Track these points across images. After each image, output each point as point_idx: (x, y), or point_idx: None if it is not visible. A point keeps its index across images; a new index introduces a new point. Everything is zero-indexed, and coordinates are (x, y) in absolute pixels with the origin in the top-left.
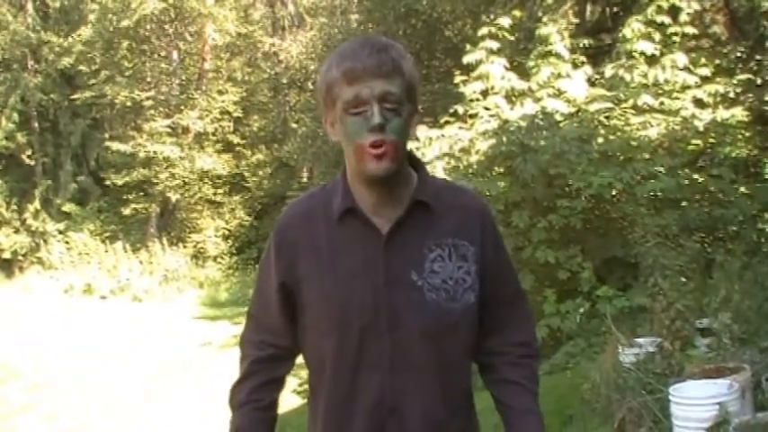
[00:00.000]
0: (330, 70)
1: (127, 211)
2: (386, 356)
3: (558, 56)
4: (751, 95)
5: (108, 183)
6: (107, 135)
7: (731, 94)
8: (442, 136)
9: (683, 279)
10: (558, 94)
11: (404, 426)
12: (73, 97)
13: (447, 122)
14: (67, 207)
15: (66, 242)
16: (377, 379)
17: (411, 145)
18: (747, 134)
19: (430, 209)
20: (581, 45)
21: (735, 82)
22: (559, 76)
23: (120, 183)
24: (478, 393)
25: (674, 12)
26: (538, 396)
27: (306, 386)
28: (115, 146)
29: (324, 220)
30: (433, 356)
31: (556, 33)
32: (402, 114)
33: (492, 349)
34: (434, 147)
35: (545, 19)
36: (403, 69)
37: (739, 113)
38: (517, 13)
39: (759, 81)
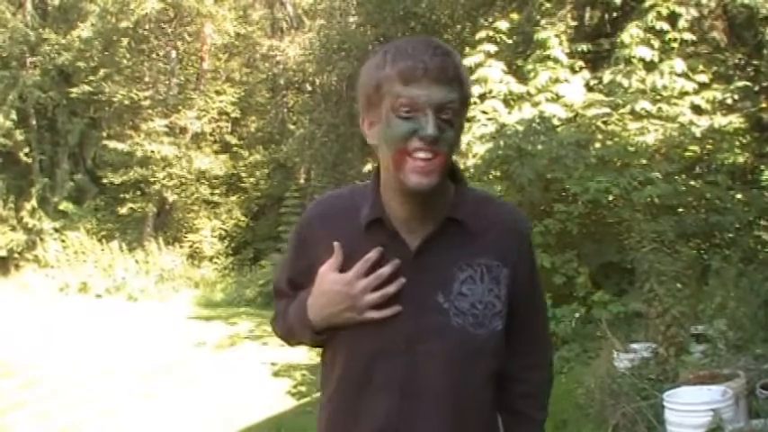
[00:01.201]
0: (382, 67)
1: (123, 210)
2: (397, 379)
3: (555, 60)
4: (748, 102)
5: (105, 181)
6: (105, 134)
7: (729, 101)
8: None
9: (679, 285)
10: (556, 98)
11: None
12: (70, 91)
13: None
14: (64, 205)
15: (63, 240)
16: (384, 402)
17: None
18: (744, 141)
19: (464, 226)
20: (579, 50)
21: (732, 88)
22: (557, 80)
23: (117, 182)
24: None
25: (672, 18)
26: (543, 424)
27: (300, 388)
28: (112, 145)
29: (349, 226)
30: (451, 383)
31: (554, 37)
32: (455, 126)
33: (507, 372)
34: None
35: (543, 23)
36: (463, 79)
37: (736, 120)
38: (515, 16)
39: (756, 88)
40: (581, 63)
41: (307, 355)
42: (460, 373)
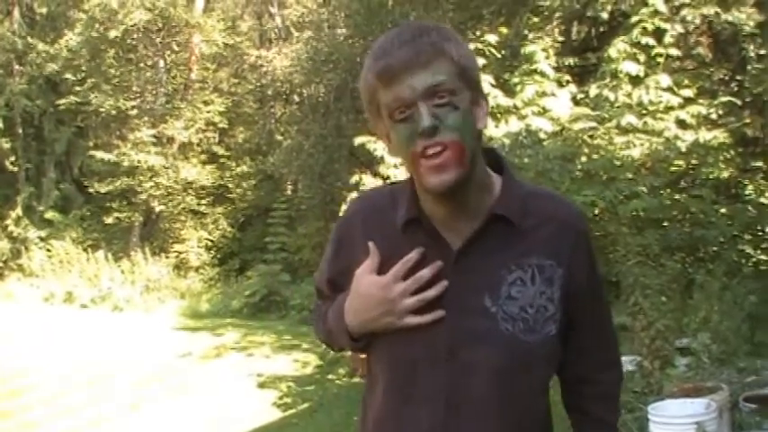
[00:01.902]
0: (366, 76)
1: (109, 220)
2: (441, 390)
3: (542, 74)
4: (732, 118)
5: (91, 191)
6: (91, 143)
7: (713, 116)
8: None
9: (664, 298)
10: (543, 112)
11: None
12: (58, 102)
13: None
14: (50, 214)
15: (48, 250)
16: (428, 414)
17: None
18: (728, 156)
19: (512, 223)
20: (566, 64)
21: (716, 103)
22: (544, 94)
23: (103, 191)
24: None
25: (658, 34)
26: (617, 425)
27: (286, 400)
28: (99, 154)
29: (387, 226)
30: (499, 393)
31: (541, 51)
32: (459, 106)
33: (578, 375)
34: None
35: (531, 36)
36: (447, 51)
37: (721, 136)
38: (503, 30)
39: (740, 103)
40: (568, 77)
41: (292, 367)
42: (510, 383)
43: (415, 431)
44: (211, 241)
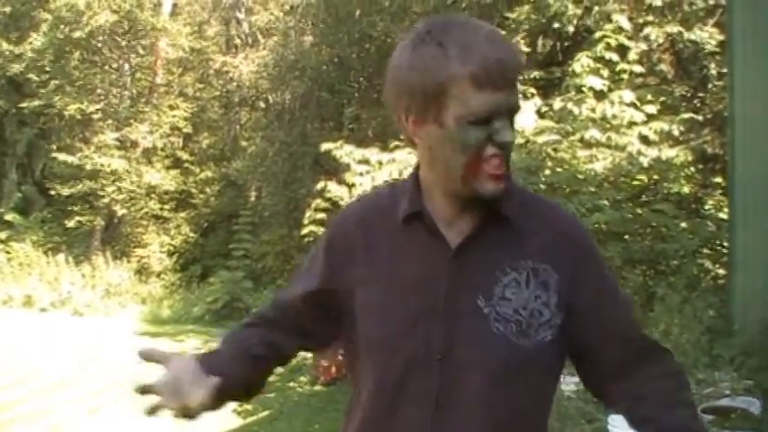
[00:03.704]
0: (445, 64)
1: (71, 223)
2: (432, 392)
3: None
4: (693, 134)
5: (53, 193)
6: (54, 146)
7: (675, 132)
8: (393, 160)
9: None
10: None
11: None
12: (21, 105)
13: (397, 147)
14: (10, 216)
15: (8, 252)
16: (417, 418)
17: (361, 168)
18: (689, 172)
19: (511, 224)
20: (531, 77)
21: (678, 120)
22: None
23: (65, 194)
24: None
25: (622, 50)
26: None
27: (246, 407)
28: (62, 157)
29: (386, 221)
30: (490, 394)
31: None
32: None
33: (632, 392)
34: (385, 171)
35: None
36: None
37: (682, 153)
38: None
39: (701, 120)
40: (533, 90)
41: None
42: (502, 386)
43: (404, 429)
44: (174, 246)
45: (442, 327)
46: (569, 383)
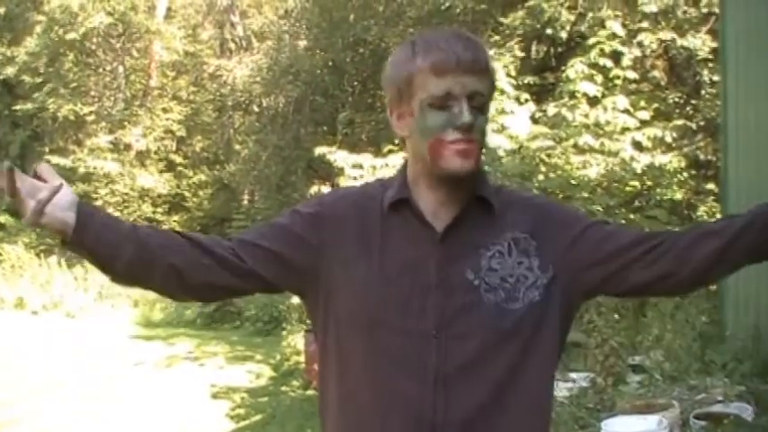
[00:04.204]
0: (413, 59)
1: None
2: (431, 366)
3: (502, 92)
4: (686, 141)
5: None
6: (47, 148)
7: (668, 138)
8: (386, 165)
9: (617, 316)
10: (502, 129)
11: None
12: (15, 108)
13: (390, 151)
14: (2, 218)
15: None
16: (418, 393)
17: (355, 173)
18: (682, 178)
19: (490, 206)
20: (525, 82)
21: (671, 126)
22: (503, 111)
23: None
24: None
25: (616, 56)
26: None
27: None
28: (55, 159)
29: (376, 208)
30: (490, 363)
31: (502, 68)
32: (486, 115)
33: (677, 257)
34: (378, 175)
35: (492, 54)
36: (492, 70)
37: (675, 160)
38: None
39: (694, 126)
40: (527, 95)
41: (246, 378)
42: (498, 348)
43: (406, 406)
44: None
45: (436, 301)
46: (562, 389)
